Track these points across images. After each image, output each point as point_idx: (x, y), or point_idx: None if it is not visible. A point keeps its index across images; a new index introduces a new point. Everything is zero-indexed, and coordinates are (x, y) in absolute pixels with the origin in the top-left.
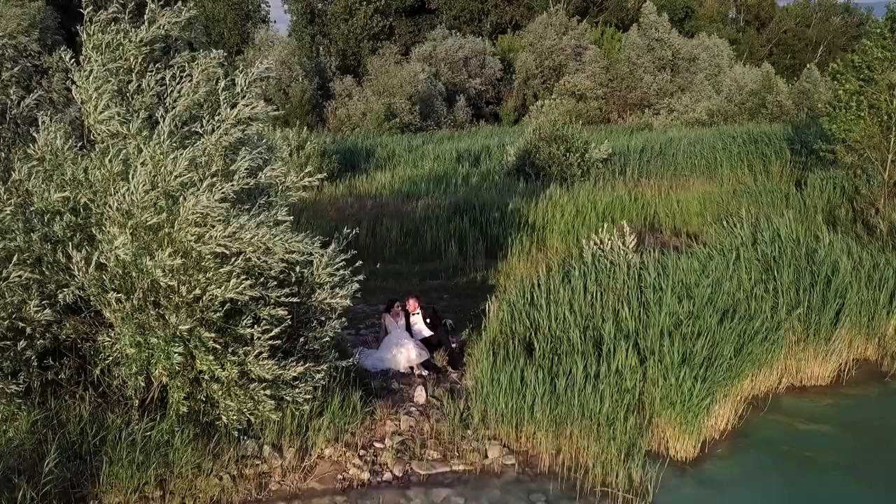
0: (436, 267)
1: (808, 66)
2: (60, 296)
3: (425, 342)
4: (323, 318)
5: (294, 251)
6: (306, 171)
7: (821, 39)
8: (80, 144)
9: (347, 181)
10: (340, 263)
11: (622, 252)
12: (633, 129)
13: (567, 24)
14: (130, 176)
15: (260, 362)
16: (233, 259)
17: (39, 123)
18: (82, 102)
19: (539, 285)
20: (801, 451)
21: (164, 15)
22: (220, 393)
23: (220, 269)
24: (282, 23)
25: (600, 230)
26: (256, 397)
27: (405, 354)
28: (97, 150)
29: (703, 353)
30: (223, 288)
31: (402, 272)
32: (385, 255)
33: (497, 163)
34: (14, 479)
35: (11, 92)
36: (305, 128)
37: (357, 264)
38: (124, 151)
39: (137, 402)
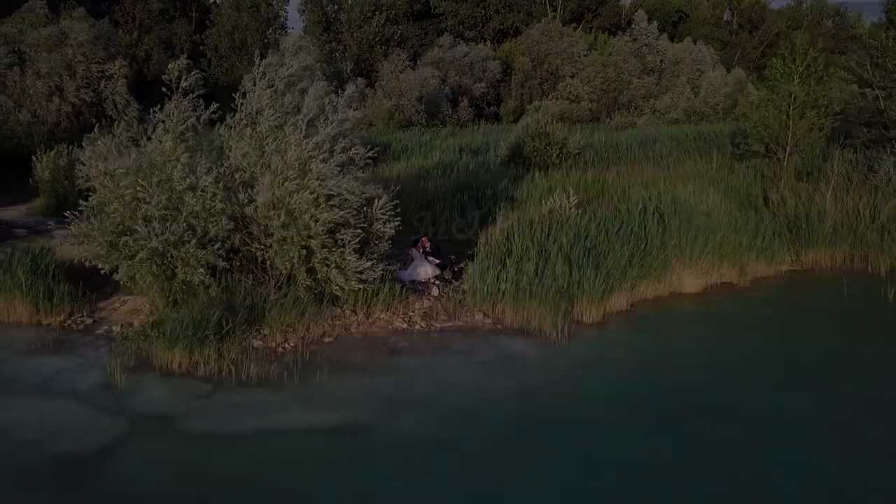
0: (443, 230)
1: None
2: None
3: (436, 266)
4: (377, 242)
5: (366, 192)
6: (369, 148)
7: (811, 42)
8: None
9: (371, 169)
10: (389, 207)
11: (567, 207)
12: (618, 127)
13: (562, 30)
14: (283, 151)
15: (349, 256)
16: (333, 198)
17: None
18: (252, 110)
19: (512, 228)
20: (668, 324)
21: (295, 61)
22: (326, 274)
23: (328, 203)
24: (294, 26)
25: (559, 196)
26: (348, 276)
27: (424, 271)
28: (258, 135)
29: (609, 264)
30: (330, 213)
31: (417, 233)
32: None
33: (493, 155)
34: (221, 314)
35: (201, 102)
36: None
37: (397, 210)
38: (278, 138)
39: (274, 282)
